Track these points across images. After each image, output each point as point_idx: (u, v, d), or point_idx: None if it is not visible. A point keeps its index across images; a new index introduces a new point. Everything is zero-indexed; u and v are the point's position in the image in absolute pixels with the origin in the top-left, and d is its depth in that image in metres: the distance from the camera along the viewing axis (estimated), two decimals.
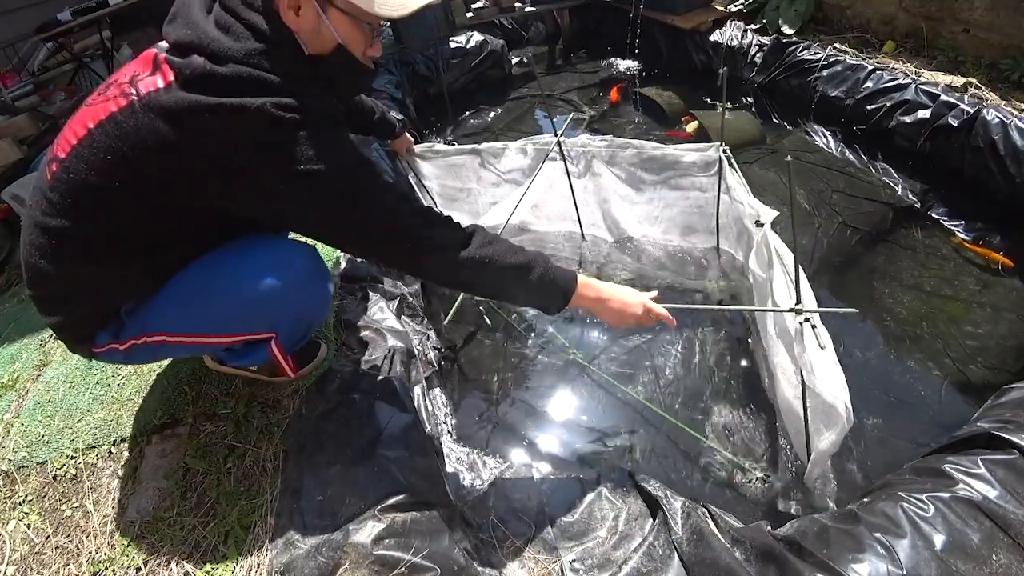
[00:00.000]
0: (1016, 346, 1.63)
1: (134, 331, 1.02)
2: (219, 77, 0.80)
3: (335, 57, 0.93)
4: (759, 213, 1.42)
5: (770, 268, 1.34)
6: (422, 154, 1.99)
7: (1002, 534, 0.91)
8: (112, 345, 1.03)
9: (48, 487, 1.25)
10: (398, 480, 1.05)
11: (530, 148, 1.92)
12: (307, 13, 0.86)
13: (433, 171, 2.06)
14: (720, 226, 1.91)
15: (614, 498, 1.14)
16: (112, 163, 0.84)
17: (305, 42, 0.90)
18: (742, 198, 1.54)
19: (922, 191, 2.28)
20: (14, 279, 2.23)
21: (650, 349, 1.73)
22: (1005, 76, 2.40)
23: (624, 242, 2.11)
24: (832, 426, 1.10)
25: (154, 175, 0.84)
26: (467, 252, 0.96)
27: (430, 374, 1.54)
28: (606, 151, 1.88)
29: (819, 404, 1.15)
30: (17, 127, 2.67)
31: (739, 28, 3.29)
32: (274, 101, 0.80)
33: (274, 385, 1.35)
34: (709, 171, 1.78)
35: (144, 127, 0.81)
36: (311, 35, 0.90)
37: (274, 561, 0.98)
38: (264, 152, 0.82)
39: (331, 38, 0.91)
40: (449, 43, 3.63)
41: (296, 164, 0.82)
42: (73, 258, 0.92)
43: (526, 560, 1.04)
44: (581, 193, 2.01)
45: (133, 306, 1.02)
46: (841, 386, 1.05)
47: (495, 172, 2.01)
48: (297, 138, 0.82)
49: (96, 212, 0.88)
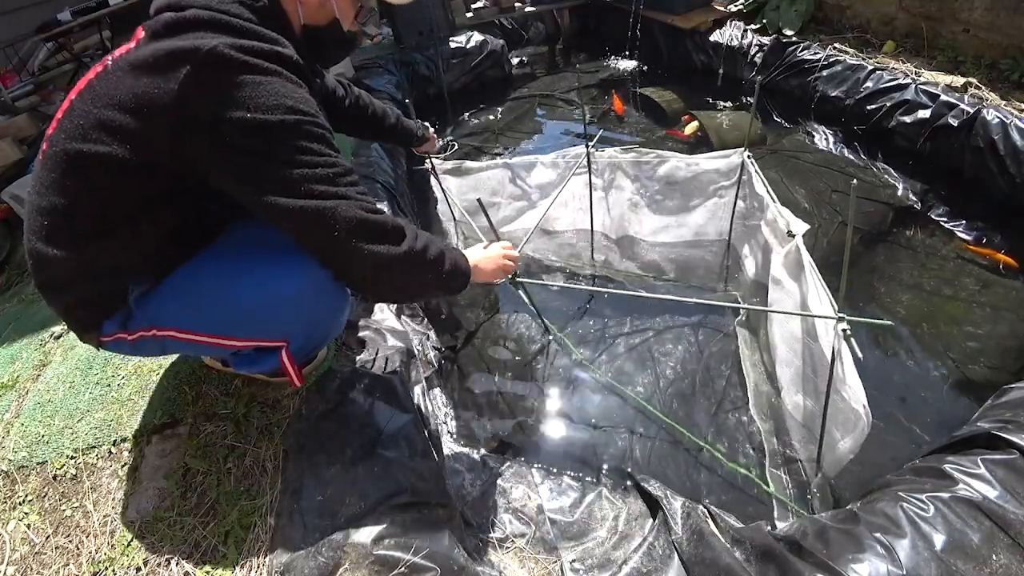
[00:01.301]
0: (1016, 346, 1.63)
1: (143, 322, 1.00)
2: (180, 22, 0.81)
3: (329, 29, 0.99)
4: (790, 223, 1.43)
5: (799, 278, 1.35)
6: (452, 171, 1.97)
7: (1002, 534, 0.91)
8: (120, 335, 1.02)
9: (48, 487, 1.25)
10: (398, 480, 1.05)
11: (560, 161, 1.91)
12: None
13: (459, 184, 2.03)
14: (734, 229, 1.90)
15: (614, 498, 1.14)
16: (86, 127, 0.84)
17: (305, 14, 0.95)
18: (771, 207, 1.54)
19: (922, 191, 2.28)
20: (14, 279, 2.23)
21: (651, 350, 1.73)
22: (1005, 76, 2.40)
23: (634, 241, 2.09)
24: (851, 431, 1.11)
25: (125, 133, 0.83)
26: (405, 245, 0.93)
27: (430, 374, 1.54)
28: (632, 166, 1.87)
29: (837, 411, 1.16)
30: (17, 127, 2.67)
31: (739, 28, 3.29)
32: (230, 42, 0.79)
33: (274, 385, 1.35)
34: (731, 178, 1.79)
35: (112, 84, 0.83)
36: (316, 7, 0.95)
37: (274, 561, 0.98)
38: (212, 94, 0.79)
39: (331, 11, 0.97)
40: (449, 43, 3.63)
41: (244, 111, 0.79)
42: (67, 236, 0.91)
43: (526, 560, 1.04)
44: (600, 202, 2.00)
45: (141, 294, 1.00)
46: (860, 391, 1.06)
47: (523, 185, 1.99)
48: (247, 82, 0.79)
49: (79, 182, 0.87)
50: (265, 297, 0.98)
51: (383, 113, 1.57)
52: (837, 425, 1.19)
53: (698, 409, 1.56)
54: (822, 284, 1.23)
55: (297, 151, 0.83)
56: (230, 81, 0.79)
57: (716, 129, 2.75)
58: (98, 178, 0.87)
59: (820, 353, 1.25)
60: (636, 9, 3.62)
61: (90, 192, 0.88)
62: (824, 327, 1.19)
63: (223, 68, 0.78)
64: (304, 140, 0.84)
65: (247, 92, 0.79)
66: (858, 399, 1.06)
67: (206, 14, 0.82)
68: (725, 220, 1.90)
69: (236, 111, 0.79)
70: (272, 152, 0.82)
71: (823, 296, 1.20)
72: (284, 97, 0.81)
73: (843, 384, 1.10)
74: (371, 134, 1.61)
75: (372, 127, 1.56)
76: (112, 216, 0.91)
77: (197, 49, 0.77)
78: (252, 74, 0.80)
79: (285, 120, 0.81)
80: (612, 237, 2.11)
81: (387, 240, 0.92)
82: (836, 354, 1.10)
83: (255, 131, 0.80)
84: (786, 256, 1.44)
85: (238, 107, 0.79)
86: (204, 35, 0.80)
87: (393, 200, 2.13)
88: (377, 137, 1.65)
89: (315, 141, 0.85)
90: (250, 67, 0.80)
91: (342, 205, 0.86)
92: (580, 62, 4.04)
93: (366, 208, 0.89)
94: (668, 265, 2.02)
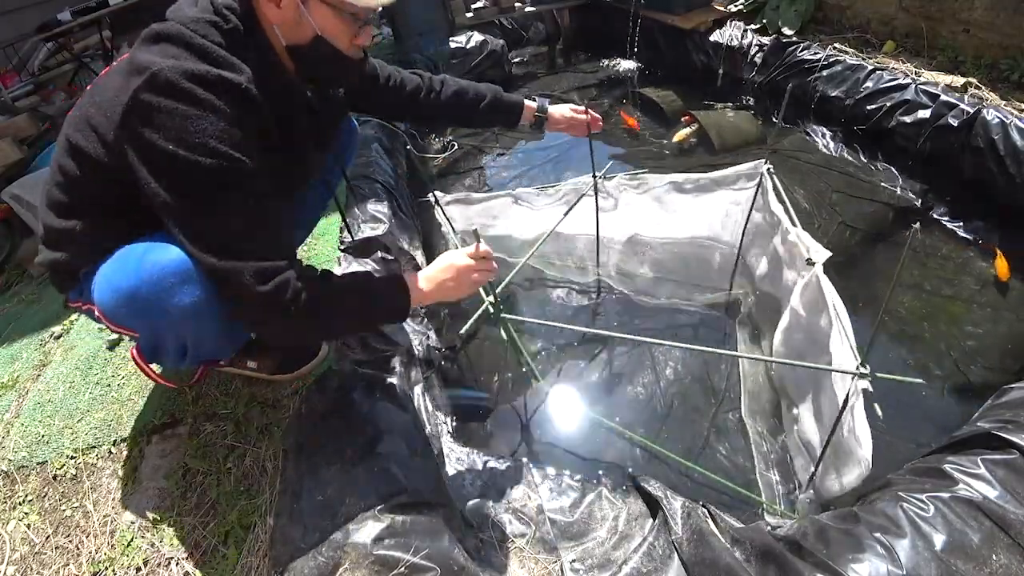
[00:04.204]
0: (1016, 346, 1.63)
1: (88, 296, 1.00)
2: (157, 33, 0.84)
3: (313, 47, 0.94)
4: (810, 250, 1.33)
5: (819, 312, 1.29)
6: (454, 201, 1.87)
7: (1002, 534, 0.91)
8: (79, 302, 1.07)
9: (48, 487, 1.25)
10: (398, 480, 1.05)
11: (565, 189, 1.83)
12: (287, 4, 0.89)
13: (463, 213, 1.94)
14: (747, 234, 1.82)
15: (614, 498, 1.14)
16: (79, 119, 0.91)
17: (283, 34, 0.92)
18: (790, 231, 1.45)
19: (922, 191, 2.28)
20: (14, 279, 2.24)
21: (651, 349, 1.73)
22: (1005, 76, 2.40)
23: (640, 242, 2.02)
24: (850, 472, 1.09)
25: (98, 133, 0.88)
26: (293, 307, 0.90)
27: (430, 374, 1.54)
28: (638, 189, 1.81)
29: (840, 447, 1.14)
30: (17, 127, 2.66)
31: (739, 28, 3.29)
32: (181, 68, 0.80)
33: (274, 385, 1.35)
34: (749, 185, 1.71)
35: (104, 83, 0.89)
36: (291, 26, 0.91)
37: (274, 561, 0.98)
38: (149, 116, 0.81)
39: (309, 29, 0.92)
40: (449, 43, 3.63)
41: (170, 142, 0.80)
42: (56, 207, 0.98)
43: (526, 560, 1.04)
44: (607, 223, 1.93)
45: (88, 271, 0.99)
46: (868, 442, 1.02)
47: (529, 207, 1.91)
48: (181, 112, 0.80)
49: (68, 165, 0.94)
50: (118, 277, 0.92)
51: (472, 98, 1.42)
52: (837, 462, 1.16)
53: (698, 409, 1.56)
54: (846, 325, 1.15)
55: (207, 198, 0.84)
56: (167, 108, 0.80)
57: (716, 129, 2.75)
58: (81, 166, 0.92)
59: (829, 387, 1.22)
60: (636, 9, 3.62)
61: (74, 177, 0.94)
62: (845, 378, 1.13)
63: (163, 93, 0.80)
64: (218, 189, 0.84)
65: (177, 123, 0.80)
66: (865, 448, 1.02)
67: (175, 29, 0.84)
68: (739, 226, 1.85)
69: (163, 139, 0.80)
70: (185, 192, 0.83)
71: (844, 340, 1.13)
72: (210, 137, 0.81)
73: (851, 432, 1.07)
74: (472, 123, 1.55)
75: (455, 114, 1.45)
76: (84, 204, 0.97)
77: (148, 68, 0.80)
78: (189, 105, 0.80)
79: (201, 162, 0.81)
80: (619, 240, 2.05)
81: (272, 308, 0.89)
82: (848, 408, 1.06)
83: (174, 164, 0.81)
84: (806, 287, 1.35)
85: (166, 136, 0.80)
86: (166, 51, 0.83)
87: (393, 200, 2.13)
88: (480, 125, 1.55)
89: (231, 190, 0.85)
90: (190, 98, 0.81)
91: (236, 268, 0.86)
92: (580, 62, 4.04)
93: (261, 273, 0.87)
94: (676, 263, 1.98)
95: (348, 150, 1.48)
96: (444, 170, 2.96)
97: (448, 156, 3.04)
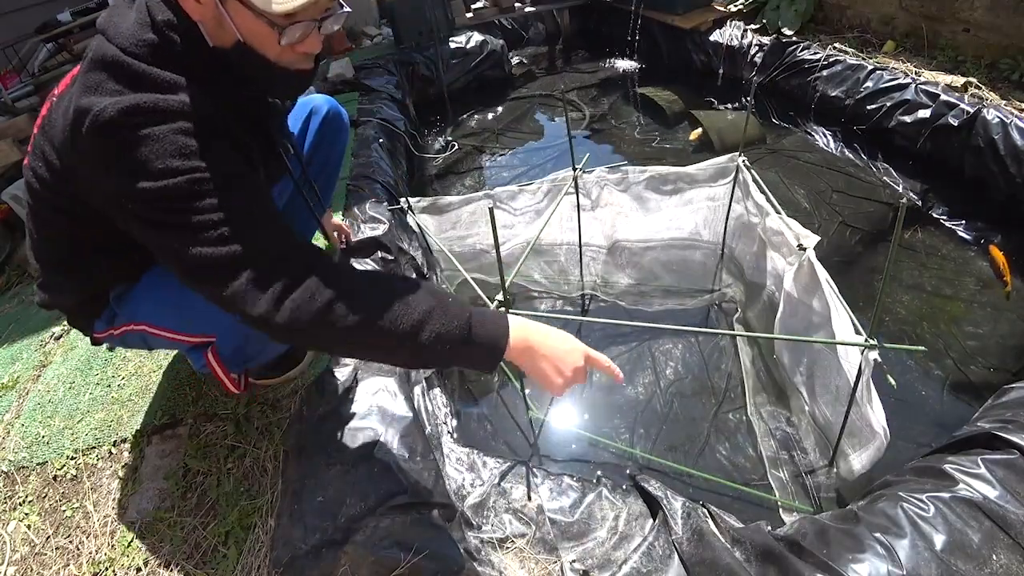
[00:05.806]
0: (1016, 346, 1.63)
1: (125, 318, 1.03)
2: (95, 60, 0.80)
3: (235, 53, 0.84)
4: (799, 236, 1.35)
5: (814, 295, 1.31)
6: (427, 209, 1.83)
7: (1002, 534, 0.91)
8: (109, 331, 1.07)
9: (48, 487, 1.25)
10: (398, 480, 1.05)
11: (545, 187, 1.81)
12: (207, 1, 0.79)
13: (436, 223, 1.91)
14: (729, 232, 1.86)
15: (614, 498, 1.14)
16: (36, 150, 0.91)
17: (209, 33, 0.84)
18: (774, 217, 1.47)
19: (922, 191, 2.28)
20: (14, 279, 2.24)
21: (651, 349, 1.73)
22: (1005, 76, 2.40)
23: (626, 247, 2.03)
24: (866, 448, 1.12)
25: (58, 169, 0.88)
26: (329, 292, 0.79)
27: (430, 374, 1.54)
28: (619, 184, 1.81)
29: (852, 426, 1.16)
30: (17, 128, 2.67)
31: (739, 28, 3.29)
32: (121, 105, 0.75)
33: (274, 385, 1.35)
34: (725, 181, 1.73)
35: (53, 115, 0.87)
36: (213, 26, 0.83)
37: (274, 562, 0.98)
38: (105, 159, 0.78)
39: (231, 31, 0.83)
40: (449, 43, 3.63)
41: (135, 178, 0.76)
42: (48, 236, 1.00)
43: (526, 560, 1.04)
44: (589, 222, 1.92)
45: (121, 293, 1.03)
46: (881, 413, 1.06)
47: (507, 209, 1.89)
48: (135, 147, 0.76)
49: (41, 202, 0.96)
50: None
51: None
52: (852, 440, 1.17)
53: (698, 409, 1.56)
54: (842, 303, 1.17)
55: (189, 212, 0.78)
56: (120, 148, 0.76)
57: (716, 129, 2.75)
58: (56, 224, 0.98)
59: (837, 366, 1.24)
60: (636, 9, 3.62)
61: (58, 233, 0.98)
62: (846, 348, 1.17)
63: (112, 136, 0.76)
64: (194, 199, 0.77)
65: (139, 155, 0.75)
66: (879, 421, 1.05)
67: (111, 54, 0.78)
68: (720, 223, 1.86)
69: (127, 178, 0.76)
70: (164, 220, 0.79)
71: (845, 317, 1.15)
72: (171, 157, 0.76)
73: (865, 405, 1.09)
74: None
75: None
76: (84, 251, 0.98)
77: (90, 111, 0.75)
78: (139, 139, 0.76)
79: (168, 184, 0.76)
80: (604, 246, 2.04)
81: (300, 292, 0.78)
82: (862, 381, 1.09)
83: (146, 197, 0.77)
84: (798, 272, 1.37)
85: (129, 174, 0.76)
86: (104, 85, 0.78)
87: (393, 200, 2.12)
88: None
89: (207, 197, 0.78)
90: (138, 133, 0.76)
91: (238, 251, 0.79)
92: (580, 61, 4.04)
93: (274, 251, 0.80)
94: (661, 270, 1.99)
95: (333, 145, 1.39)
96: (444, 170, 2.97)
97: (448, 156, 3.05)
